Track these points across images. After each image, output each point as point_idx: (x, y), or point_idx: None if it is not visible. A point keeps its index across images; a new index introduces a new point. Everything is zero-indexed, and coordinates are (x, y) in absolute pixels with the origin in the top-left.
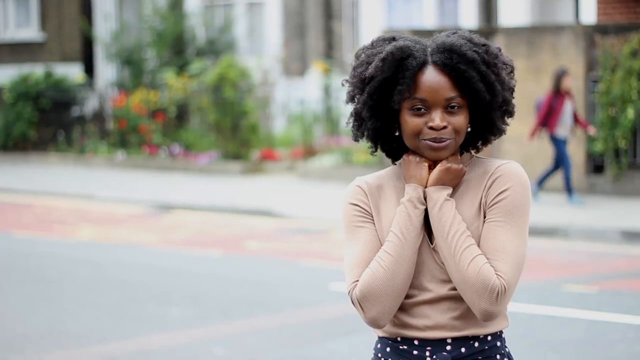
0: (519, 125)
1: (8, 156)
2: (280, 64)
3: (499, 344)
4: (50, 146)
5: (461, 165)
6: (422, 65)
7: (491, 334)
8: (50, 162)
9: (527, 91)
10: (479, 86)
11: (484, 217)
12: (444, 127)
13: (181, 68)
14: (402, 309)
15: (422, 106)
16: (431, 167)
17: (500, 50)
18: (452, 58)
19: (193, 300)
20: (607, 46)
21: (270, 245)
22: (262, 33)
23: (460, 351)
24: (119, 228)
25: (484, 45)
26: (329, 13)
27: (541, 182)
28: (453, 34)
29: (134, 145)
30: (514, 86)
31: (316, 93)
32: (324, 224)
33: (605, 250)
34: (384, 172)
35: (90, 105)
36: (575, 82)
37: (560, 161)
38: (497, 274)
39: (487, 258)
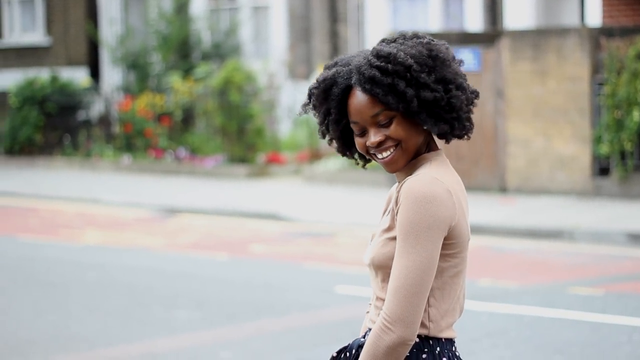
0: (525, 128)
1: (14, 160)
2: (286, 67)
3: None
4: (56, 150)
5: None
6: (348, 89)
7: None
8: (56, 166)
9: (533, 94)
10: (388, 99)
11: None
12: (381, 142)
13: (187, 72)
14: None
15: (359, 128)
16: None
17: (416, 35)
18: (360, 79)
19: (199, 303)
20: (613, 49)
21: (276, 249)
22: (268, 36)
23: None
24: (125, 232)
25: (387, 55)
26: (334, 16)
27: None
28: (368, 51)
29: (139, 149)
30: (455, 73)
31: None
32: (330, 227)
33: (611, 253)
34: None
35: (96, 109)
36: (580, 85)
37: None
38: (381, 314)
39: None
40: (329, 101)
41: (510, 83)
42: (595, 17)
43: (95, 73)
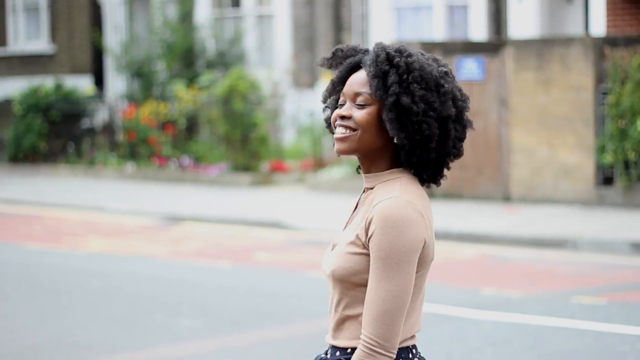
0: (528, 137)
1: (18, 168)
2: (290, 76)
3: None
4: (60, 158)
5: None
6: (358, 66)
7: (338, 348)
8: (60, 173)
9: (537, 103)
10: (374, 82)
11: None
12: (345, 117)
13: (191, 80)
14: None
15: (342, 100)
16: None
17: (446, 73)
18: (367, 56)
19: (202, 311)
20: (617, 58)
21: (280, 257)
22: (272, 45)
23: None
24: (129, 240)
25: (402, 51)
26: (338, 25)
27: None
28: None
29: (143, 157)
30: (446, 113)
31: None
32: (333, 235)
33: (614, 262)
34: None
35: (100, 117)
36: (584, 94)
37: None
38: (361, 338)
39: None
40: (341, 65)
41: (514, 92)
42: (599, 26)
43: (99, 81)
